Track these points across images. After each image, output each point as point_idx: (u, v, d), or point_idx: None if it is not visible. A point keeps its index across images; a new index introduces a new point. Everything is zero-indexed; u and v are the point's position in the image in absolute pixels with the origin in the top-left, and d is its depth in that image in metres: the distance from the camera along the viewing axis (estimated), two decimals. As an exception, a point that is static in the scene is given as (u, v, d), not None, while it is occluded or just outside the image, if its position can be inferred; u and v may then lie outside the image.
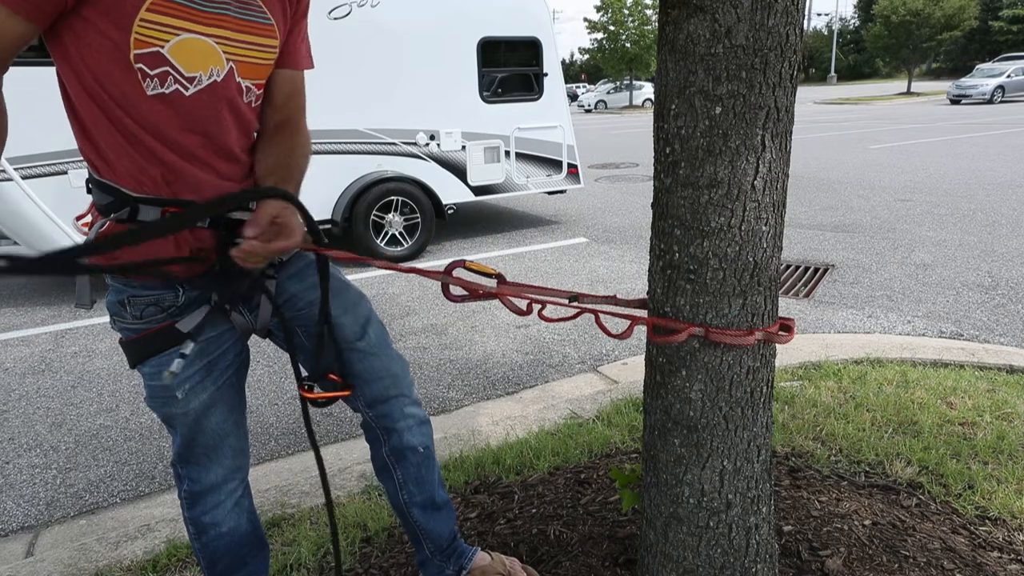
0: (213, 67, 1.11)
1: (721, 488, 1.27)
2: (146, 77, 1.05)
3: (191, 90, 1.09)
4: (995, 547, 1.71)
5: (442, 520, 1.53)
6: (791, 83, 1.11)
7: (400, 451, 1.45)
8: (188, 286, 1.19)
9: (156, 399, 1.25)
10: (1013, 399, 2.50)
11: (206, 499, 1.34)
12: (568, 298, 1.30)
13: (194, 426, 1.27)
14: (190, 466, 1.33)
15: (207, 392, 1.25)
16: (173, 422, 1.28)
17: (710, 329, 1.17)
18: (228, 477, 1.35)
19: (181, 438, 1.30)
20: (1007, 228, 5.73)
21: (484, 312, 4.30)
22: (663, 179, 1.18)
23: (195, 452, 1.31)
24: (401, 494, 1.48)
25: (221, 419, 1.30)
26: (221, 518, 1.35)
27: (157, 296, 1.18)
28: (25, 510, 2.38)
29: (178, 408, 1.24)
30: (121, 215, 1.12)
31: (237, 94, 1.16)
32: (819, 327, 3.74)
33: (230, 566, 1.41)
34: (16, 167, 4.28)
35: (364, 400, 1.41)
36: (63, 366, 3.67)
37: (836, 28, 56.83)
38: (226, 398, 1.30)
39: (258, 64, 1.19)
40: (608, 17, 34.02)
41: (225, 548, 1.38)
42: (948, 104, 23.75)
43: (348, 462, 2.37)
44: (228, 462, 1.34)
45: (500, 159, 6.27)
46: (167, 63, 1.05)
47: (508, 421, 2.62)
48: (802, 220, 6.40)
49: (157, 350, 1.20)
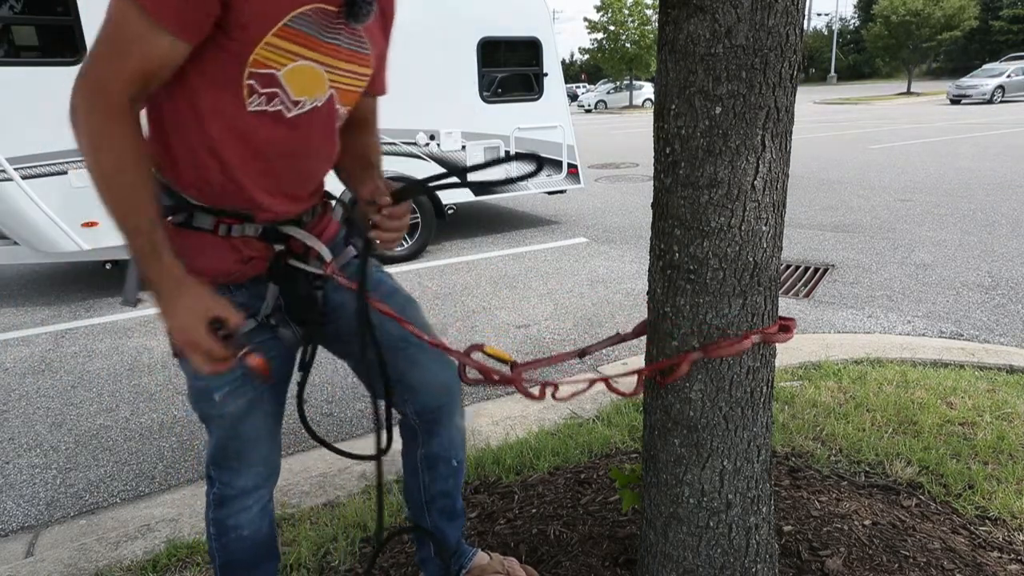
0: (318, 94, 1.12)
1: (721, 488, 1.27)
2: (253, 93, 1.05)
3: (293, 112, 1.10)
4: (995, 547, 1.71)
5: (455, 527, 1.57)
6: (791, 83, 1.11)
7: (435, 459, 1.47)
8: (236, 292, 1.20)
9: (195, 396, 1.26)
10: (1013, 399, 2.50)
11: (234, 503, 1.34)
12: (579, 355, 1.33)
13: (229, 430, 1.27)
14: (222, 470, 1.32)
15: (245, 398, 1.25)
16: (209, 423, 1.28)
17: (708, 348, 1.18)
18: (258, 484, 1.35)
19: (215, 440, 1.30)
20: (1007, 228, 5.73)
21: (484, 312, 4.30)
22: (663, 179, 1.18)
23: (228, 456, 1.31)
24: (424, 496, 1.50)
25: (256, 426, 1.29)
26: (245, 522, 1.35)
27: None
28: (25, 510, 2.38)
29: (215, 410, 1.25)
30: (178, 218, 1.13)
31: (333, 118, 1.19)
32: (819, 327, 3.74)
33: (247, 567, 1.42)
34: (16, 167, 4.28)
35: (413, 406, 1.41)
36: (63, 366, 3.67)
37: (836, 28, 56.85)
38: (264, 407, 1.29)
39: (354, 91, 1.21)
40: (608, 17, 34.02)
41: (242, 551, 1.38)
42: (948, 104, 23.74)
43: (348, 462, 2.37)
44: (259, 469, 1.33)
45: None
46: (279, 85, 1.06)
47: (508, 421, 2.62)
48: (802, 220, 6.40)
49: None
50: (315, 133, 1.16)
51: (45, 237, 4.49)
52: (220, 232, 1.14)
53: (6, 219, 4.45)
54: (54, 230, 4.47)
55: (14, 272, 5.86)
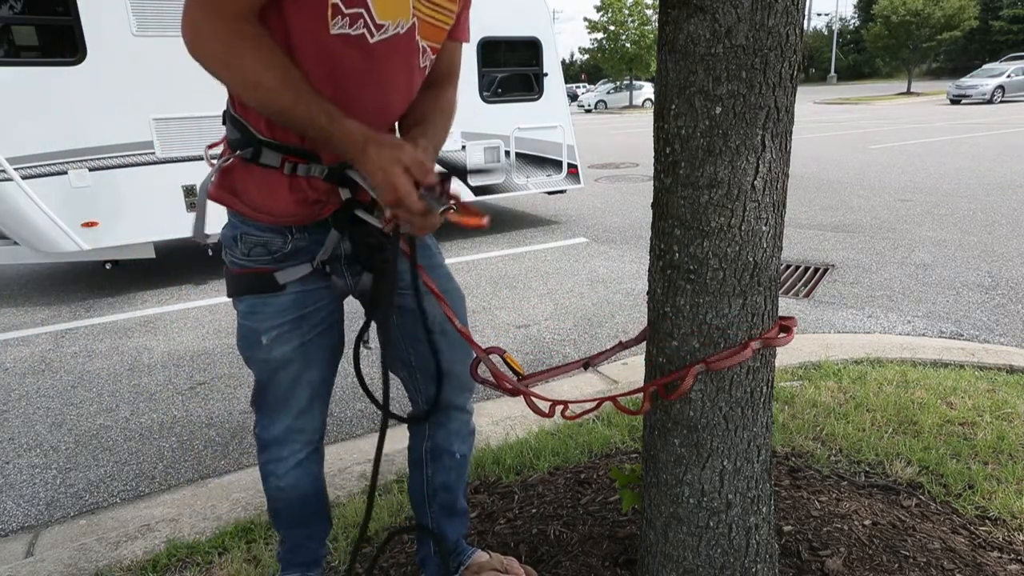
0: (401, 19, 1.09)
1: (721, 488, 1.27)
2: (337, 14, 1.03)
3: (376, 37, 1.07)
4: (995, 547, 1.71)
5: (456, 525, 1.57)
6: (791, 83, 1.11)
7: (439, 452, 1.47)
8: (298, 234, 1.19)
9: (243, 338, 1.27)
10: (1013, 399, 2.50)
11: (270, 449, 1.37)
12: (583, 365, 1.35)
13: (271, 375, 1.28)
14: (260, 412, 1.35)
15: (291, 344, 1.25)
16: (252, 365, 1.29)
17: (708, 361, 1.17)
18: (289, 437, 1.35)
19: (256, 383, 1.31)
20: (1007, 228, 5.73)
21: (484, 312, 4.30)
22: (663, 179, 1.18)
23: (266, 400, 1.32)
24: (425, 490, 1.51)
25: (295, 375, 1.29)
26: (282, 472, 1.37)
27: (267, 238, 1.19)
28: (25, 510, 2.38)
29: (260, 353, 1.25)
30: (245, 153, 1.12)
31: (415, 53, 1.16)
32: (819, 327, 3.74)
33: (291, 521, 1.44)
34: (16, 167, 4.28)
35: (425, 396, 1.41)
36: (63, 366, 3.67)
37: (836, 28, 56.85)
38: (309, 356, 1.29)
39: (437, 26, 1.18)
40: (608, 17, 34.02)
41: (285, 502, 1.41)
42: (948, 104, 23.74)
43: (348, 462, 2.37)
44: (290, 421, 1.33)
45: (500, 159, 6.27)
46: (364, 4, 1.04)
47: (508, 421, 2.62)
48: (802, 220, 6.40)
49: (253, 290, 1.22)
50: (396, 65, 1.13)
51: (45, 237, 4.49)
52: (286, 170, 1.13)
53: (6, 219, 4.46)
54: (54, 230, 4.47)
55: (14, 272, 5.86)
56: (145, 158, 4.67)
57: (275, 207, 1.15)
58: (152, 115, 4.61)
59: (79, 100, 4.38)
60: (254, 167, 1.13)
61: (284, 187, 1.14)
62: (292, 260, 1.21)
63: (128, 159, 4.62)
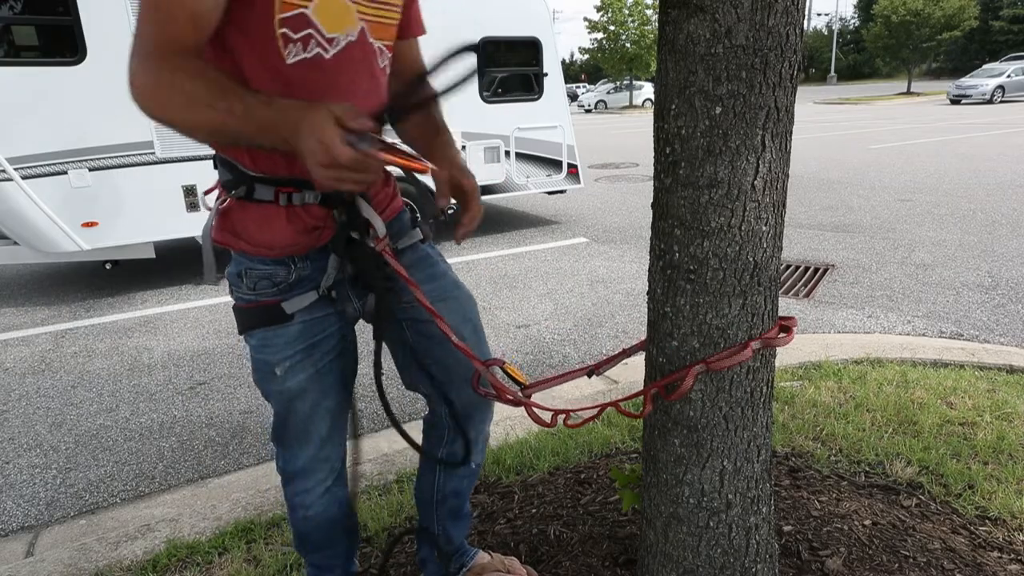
0: (349, 27, 1.09)
1: (721, 488, 1.27)
2: (288, 43, 1.03)
3: (331, 52, 1.08)
4: (995, 547, 1.71)
5: (460, 528, 1.58)
6: (791, 83, 1.11)
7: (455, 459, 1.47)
8: (300, 263, 1.20)
9: (257, 371, 1.27)
10: (1013, 399, 2.50)
11: (296, 482, 1.36)
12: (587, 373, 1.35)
13: (288, 406, 1.28)
14: (282, 447, 1.34)
15: (305, 373, 1.25)
16: (270, 398, 1.29)
17: (709, 361, 1.17)
18: (315, 466, 1.35)
19: (276, 416, 1.31)
20: (1007, 228, 5.73)
21: (484, 313, 4.30)
22: (663, 179, 1.18)
23: (287, 432, 1.32)
24: (436, 494, 1.51)
25: (312, 404, 1.29)
26: (310, 502, 1.37)
27: (271, 271, 1.19)
28: (25, 510, 2.38)
29: (276, 384, 1.25)
30: (239, 192, 1.13)
31: (372, 56, 1.16)
32: (819, 327, 3.74)
33: (318, 544, 1.44)
34: (16, 167, 4.28)
35: (449, 405, 1.40)
36: (63, 366, 3.67)
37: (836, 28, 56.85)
38: (323, 384, 1.29)
39: (386, 24, 1.18)
40: (608, 17, 34.01)
41: (314, 528, 1.41)
42: (948, 104, 23.74)
43: (348, 463, 2.36)
44: (314, 451, 1.33)
45: (500, 159, 6.27)
46: (311, 25, 1.04)
47: (508, 421, 2.62)
48: (802, 220, 6.40)
49: (262, 323, 1.22)
50: (356, 73, 1.13)
51: (45, 237, 4.49)
52: (281, 201, 1.13)
53: (6, 219, 4.46)
54: (54, 230, 4.47)
55: (14, 272, 5.86)
56: (145, 158, 4.67)
57: (275, 240, 1.16)
58: (152, 115, 4.60)
59: (79, 100, 4.37)
60: (250, 205, 1.14)
61: (282, 219, 1.15)
62: (297, 289, 1.21)
63: (128, 159, 4.62)
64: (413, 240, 1.34)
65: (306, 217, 1.16)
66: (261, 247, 1.16)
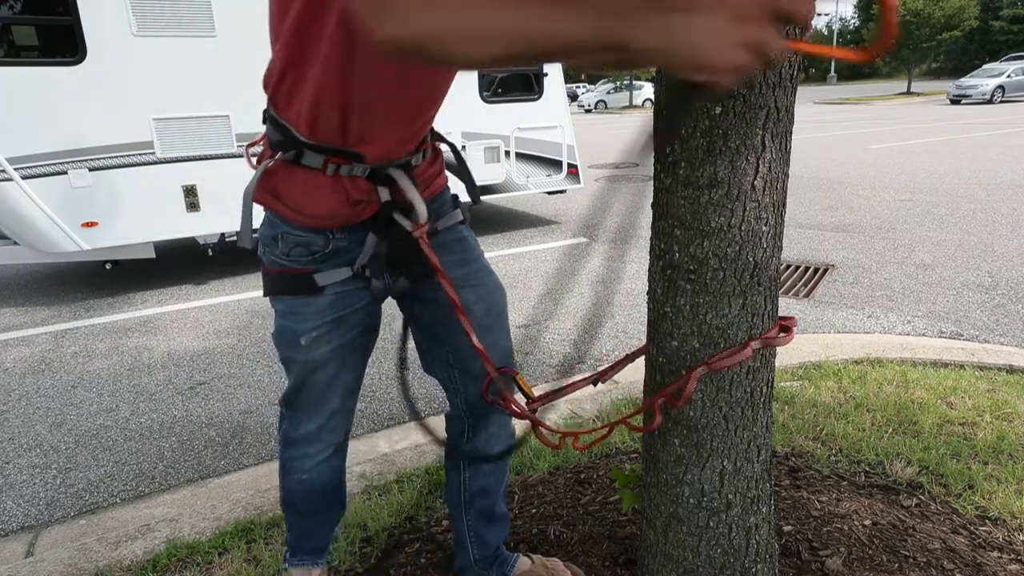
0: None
1: (721, 488, 1.27)
2: None
3: None
4: (995, 547, 1.71)
5: (495, 531, 1.54)
6: (791, 83, 1.11)
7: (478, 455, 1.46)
8: (339, 234, 1.19)
9: (281, 338, 1.26)
10: (1013, 399, 2.50)
11: (296, 447, 1.37)
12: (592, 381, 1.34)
13: (308, 375, 1.28)
14: (291, 410, 1.35)
15: (330, 345, 1.25)
16: (290, 365, 1.29)
17: (709, 362, 1.17)
18: (320, 436, 1.35)
19: (292, 382, 1.31)
20: (1007, 228, 5.73)
21: (484, 312, 4.30)
22: (663, 179, 1.18)
23: (300, 399, 1.32)
24: (464, 494, 1.49)
25: (331, 376, 1.29)
26: (307, 468, 1.38)
27: (308, 238, 1.18)
28: (25, 510, 2.38)
29: (299, 353, 1.25)
30: (288, 156, 1.12)
31: None
32: (819, 327, 3.74)
33: (305, 511, 1.45)
34: (16, 167, 4.28)
35: (466, 397, 1.40)
36: (63, 366, 3.67)
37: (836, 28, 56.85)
38: (345, 357, 1.29)
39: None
40: (608, 17, 33.94)
41: (303, 494, 1.41)
42: (948, 104, 23.73)
43: (348, 463, 2.36)
44: (323, 421, 1.34)
45: (500, 159, 6.26)
46: None
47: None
48: (802, 220, 6.40)
49: (292, 291, 1.21)
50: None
51: (45, 237, 4.49)
52: (328, 171, 1.12)
53: (6, 219, 4.46)
54: (54, 230, 4.47)
55: (14, 272, 5.86)
56: (145, 158, 4.66)
57: (317, 209, 1.15)
58: (152, 115, 4.60)
59: (79, 100, 4.37)
60: (296, 169, 1.12)
61: (327, 188, 1.13)
62: (332, 260, 1.20)
63: (128, 159, 4.62)
64: (453, 221, 1.33)
65: (351, 189, 1.15)
66: (301, 214, 1.15)
